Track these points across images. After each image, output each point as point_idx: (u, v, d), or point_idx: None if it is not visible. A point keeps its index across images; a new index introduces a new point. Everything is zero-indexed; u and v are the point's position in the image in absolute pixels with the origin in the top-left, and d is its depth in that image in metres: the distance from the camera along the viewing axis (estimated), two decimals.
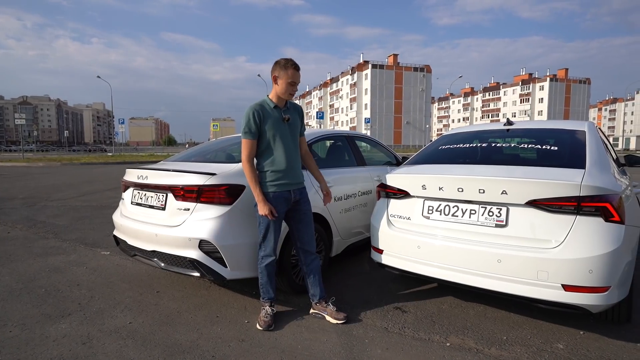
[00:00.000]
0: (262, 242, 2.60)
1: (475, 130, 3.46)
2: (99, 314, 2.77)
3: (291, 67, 2.50)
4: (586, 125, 2.99)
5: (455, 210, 2.45)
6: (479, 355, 2.23)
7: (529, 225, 2.19)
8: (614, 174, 2.45)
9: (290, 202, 2.62)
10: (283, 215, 2.63)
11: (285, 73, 2.50)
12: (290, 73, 2.50)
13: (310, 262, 2.72)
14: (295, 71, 2.52)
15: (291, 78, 2.50)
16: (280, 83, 2.52)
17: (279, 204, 2.57)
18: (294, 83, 2.52)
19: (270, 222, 2.56)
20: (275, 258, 2.63)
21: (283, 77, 2.50)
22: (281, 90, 2.53)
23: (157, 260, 2.83)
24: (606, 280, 2.02)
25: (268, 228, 2.57)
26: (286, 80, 2.50)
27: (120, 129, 34.67)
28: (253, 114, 2.49)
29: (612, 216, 2.07)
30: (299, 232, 2.70)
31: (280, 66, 2.51)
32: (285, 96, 2.56)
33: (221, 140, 4.18)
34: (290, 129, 2.60)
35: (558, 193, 2.11)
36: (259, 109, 2.52)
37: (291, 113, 2.64)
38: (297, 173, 2.64)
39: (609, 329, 2.50)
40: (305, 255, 2.72)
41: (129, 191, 3.21)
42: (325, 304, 2.70)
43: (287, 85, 2.51)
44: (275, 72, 2.53)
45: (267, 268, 2.61)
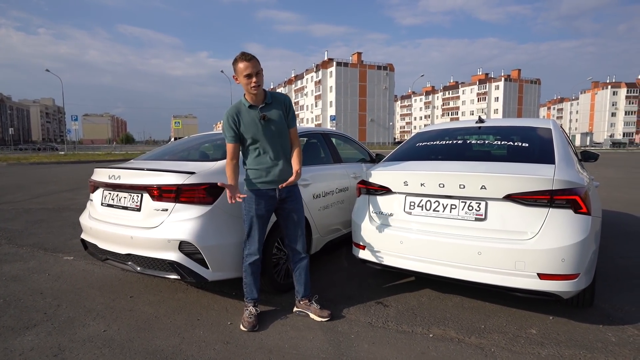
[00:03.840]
0: (246, 239, 2.57)
1: (449, 128, 3.57)
2: (68, 323, 2.60)
3: (240, 61, 2.39)
4: (551, 123, 3.17)
5: (436, 205, 2.53)
6: (460, 344, 2.32)
7: (507, 218, 2.30)
8: (578, 169, 2.63)
9: (276, 200, 2.58)
10: (268, 214, 2.59)
11: (237, 68, 2.41)
12: (242, 66, 2.38)
13: (297, 260, 2.70)
14: (246, 62, 2.37)
15: (244, 71, 2.38)
16: (240, 80, 2.44)
17: (262, 202, 2.53)
18: (249, 75, 2.38)
19: (255, 220, 2.52)
20: (259, 257, 2.59)
21: (238, 73, 2.43)
22: (244, 86, 2.45)
23: (132, 264, 2.70)
24: (576, 267, 2.17)
25: (252, 226, 2.53)
26: (241, 74, 2.40)
27: (74, 126, 32.68)
28: (228, 119, 2.48)
29: (580, 208, 2.22)
30: (286, 230, 2.68)
31: (233, 65, 2.45)
32: (250, 91, 2.45)
33: (194, 138, 4.05)
34: (270, 126, 2.50)
35: (533, 187, 2.23)
36: (234, 112, 2.48)
37: (272, 108, 2.53)
38: (283, 170, 2.55)
39: (575, 313, 2.68)
40: (293, 252, 2.70)
41: (98, 192, 3.03)
42: (309, 302, 2.70)
43: (244, 79, 2.41)
44: (234, 73, 2.48)
45: (251, 267, 2.57)
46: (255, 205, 2.52)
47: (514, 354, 2.20)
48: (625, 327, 2.50)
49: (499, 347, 2.27)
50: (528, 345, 2.29)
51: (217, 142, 3.83)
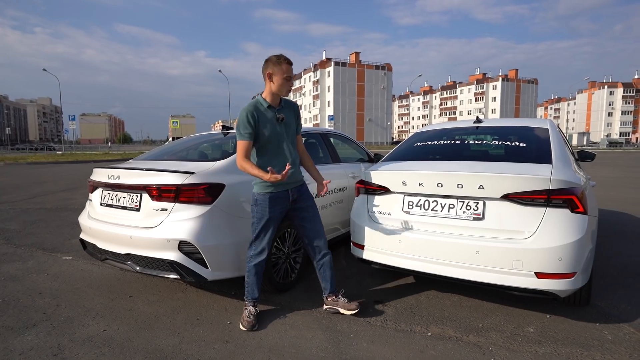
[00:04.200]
0: (254, 241, 2.57)
1: (447, 128, 3.59)
2: (67, 322, 2.61)
3: (284, 62, 2.46)
4: (548, 123, 3.20)
5: (434, 205, 2.54)
6: (458, 342, 2.34)
7: (504, 217, 2.32)
8: (575, 169, 2.65)
9: (289, 202, 2.59)
10: (281, 216, 2.61)
11: (280, 68, 2.45)
12: (285, 68, 2.46)
13: (320, 256, 2.71)
14: (289, 66, 2.48)
15: (286, 73, 2.46)
16: (276, 80, 2.47)
17: (277, 204, 2.54)
18: (289, 78, 2.48)
19: (267, 222, 2.53)
20: (265, 258, 2.60)
21: (278, 73, 2.45)
22: (278, 87, 2.48)
23: (131, 264, 2.70)
24: (573, 266, 2.19)
25: (263, 228, 2.53)
26: (282, 76, 2.45)
27: (71, 126, 32.56)
28: (247, 115, 2.43)
29: (577, 207, 2.24)
30: (304, 229, 2.69)
31: (272, 63, 2.46)
32: (282, 93, 2.51)
33: (192, 138, 4.05)
34: (285, 129, 2.56)
35: (530, 187, 2.25)
36: (253, 110, 2.45)
37: (286, 111, 2.58)
38: (295, 172, 2.58)
39: (571, 312, 2.71)
40: (315, 250, 2.71)
41: (97, 192, 3.04)
42: (336, 298, 2.71)
43: (283, 81, 2.47)
44: (268, 69, 2.48)
45: (255, 267, 2.58)
46: (269, 208, 2.52)
47: (512, 352, 2.22)
48: (621, 325, 2.53)
49: (497, 346, 2.29)
50: (525, 344, 2.31)
51: (215, 142, 3.84)
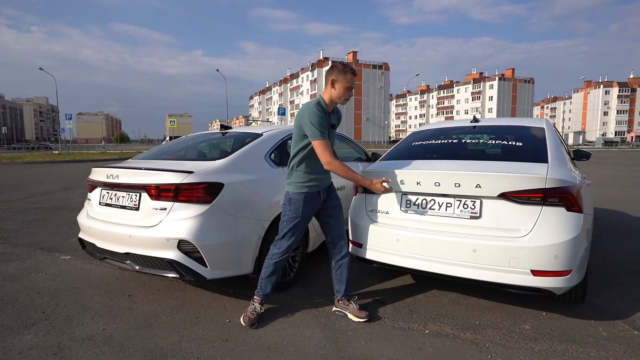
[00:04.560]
0: (280, 239, 2.60)
1: (444, 127, 3.62)
2: (67, 321, 2.61)
3: (350, 72, 2.50)
4: (544, 122, 3.23)
5: (432, 204, 2.57)
6: (456, 340, 2.36)
7: (501, 216, 2.34)
8: (571, 167, 2.68)
9: (320, 203, 2.65)
10: (311, 216, 2.66)
11: (345, 78, 2.49)
12: (349, 78, 2.50)
13: (340, 257, 2.74)
14: (354, 76, 2.52)
15: (349, 83, 2.50)
16: (338, 87, 2.50)
17: (310, 204, 2.59)
18: (351, 88, 2.52)
19: (300, 222, 2.57)
20: (288, 256, 2.65)
21: (342, 82, 2.49)
22: (338, 94, 2.52)
23: (130, 263, 2.71)
24: (569, 264, 2.22)
25: (294, 227, 2.57)
26: (344, 85, 2.49)
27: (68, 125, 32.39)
28: (322, 115, 2.47)
29: (573, 206, 2.27)
30: (329, 227, 2.72)
31: (338, 70, 2.50)
32: (340, 101, 2.56)
33: (190, 138, 4.06)
34: (332, 135, 2.64)
35: (527, 186, 2.27)
36: (321, 112, 2.48)
37: (335, 118, 2.65)
38: (329, 175, 2.68)
39: (567, 309, 2.74)
40: (337, 250, 2.74)
41: (96, 191, 3.04)
42: (347, 302, 2.72)
43: (345, 90, 2.51)
44: (332, 76, 2.51)
45: (276, 265, 2.62)
46: (302, 208, 2.56)
47: (508, 349, 2.24)
48: (615, 322, 2.56)
49: (494, 343, 2.32)
50: (522, 341, 2.34)
51: (213, 142, 3.85)
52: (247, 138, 3.36)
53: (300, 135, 2.51)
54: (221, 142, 3.69)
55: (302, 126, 2.47)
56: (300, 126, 2.50)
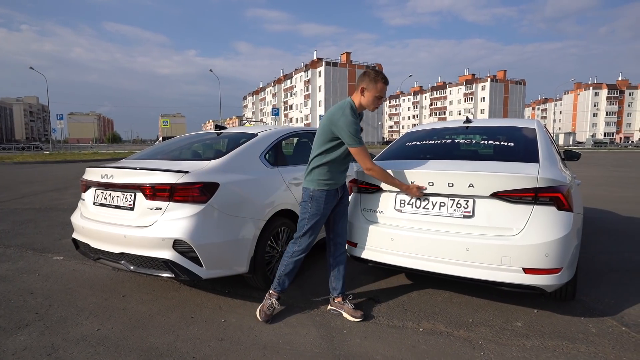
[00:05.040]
0: (301, 237, 2.63)
1: (437, 128, 3.66)
2: (61, 322, 2.60)
3: (381, 81, 2.50)
4: (535, 123, 3.28)
5: (426, 203, 2.60)
6: (449, 337, 2.40)
7: (493, 215, 2.38)
8: (561, 168, 2.73)
9: (337, 199, 2.70)
10: (329, 212, 2.69)
11: (375, 87, 2.50)
12: (380, 87, 2.50)
13: (338, 255, 2.78)
14: (385, 85, 2.52)
15: (379, 92, 2.51)
16: (368, 95, 2.52)
17: (330, 201, 2.63)
18: (380, 97, 2.53)
19: (320, 219, 2.61)
20: (307, 253, 2.69)
21: (372, 90, 2.50)
22: (367, 102, 2.53)
23: (125, 263, 2.70)
24: (559, 262, 2.26)
25: (315, 225, 2.61)
26: (374, 94, 2.51)
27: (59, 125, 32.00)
28: (357, 122, 2.49)
29: (563, 205, 2.32)
30: (335, 224, 2.76)
31: (370, 78, 2.50)
32: (369, 108, 2.58)
33: (184, 138, 4.05)
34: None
35: (518, 185, 2.32)
36: (356, 115, 2.50)
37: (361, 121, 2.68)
38: (346, 174, 2.75)
39: (557, 306, 2.79)
40: (336, 247, 2.78)
41: (90, 191, 3.02)
42: (342, 301, 2.74)
43: (374, 99, 2.52)
44: (363, 84, 2.52)
45: (295, 263, 2.65)
46: (324, 205, 2.60)
47: (500, 346, 2.28)
48: (604, 318, 2.62)
49: (486, 340, 2.35)
50: (514, 338, 2.38)
51: (207, 142, 3.85)
52: (242, 138, 3.37)
53: (329, 136, 2.52)
54: (216, 142, 3.69)
55: (336, 131, 2.48)
56: (329, 128, 2.50)
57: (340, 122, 2.44)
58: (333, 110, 2.53)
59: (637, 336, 2.38)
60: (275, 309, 2.63)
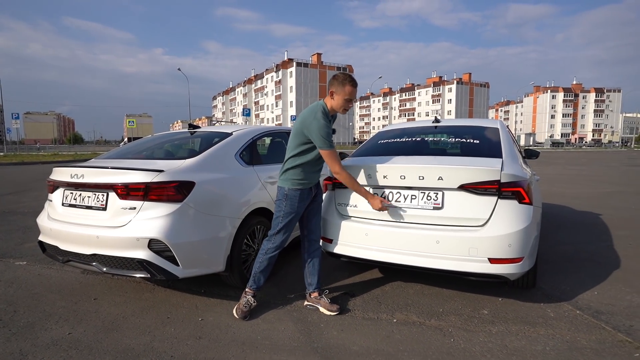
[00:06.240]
0: (275, 235, 2.66)
1: (408, 127, 3.80)
2: (28, 328, 2.51)
3: (349, 84, 2.54)
4: (498, 123, 3.48)
5: (398, 196, 2.71)
6: (421, 327, 2.52)
7: (461, 206, 2.52)
8: (522, 164, 2.92)
9: (311, 198, 2.75)
10: (303, 210, 2.73)
11: (343, 90, 2.54)
12: (348, 90, 2.54)
13: (312, 250, 2.82)
14: (353, 88, 2.56)
15: (348, 95, 2.55)
16: (337, 99, 2.56)
17: (304, 200, 2.67)
18: (350, 100, 2.57)
19: (294, 217, 2.65)
20: (280, 251, 2.72)
21: (340, 94, 2.54)
22: (337, 105, 2.58)
23: (97, 264, 2.64)
24: (521, 251, 2.43)
25: (289, 223, 2.64)
26: (343, 97, 2.55)
27: (14, 125, 30.16)
28: (328, 125, 2.54)
29: (524, 199, 2.49)
30: (309, 222, 2.81)
31: (338, 82, 2.55)
32: (340, 111, 2.62)
33: (155, 137, 3.98)
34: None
35: (483, 177, 2.47)
36: (328, 118, 2.55)
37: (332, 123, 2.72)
38: (320, 173, 2.80)
39: (520, 294, 2.98)
40: (311, 243, 2.83)
41: (58, 192, 2.92)
42: (319, 297, 2.79)
43: (344, 102, 2.57)
44: (332, 88, 2.57)
45: (269, 259, 2.68)
46: (298, 203, 2.64)
47: (469, 333, 2.42)
48: (561, 304, 2.83)
49: (456, 327, 2.49)
50: (481, 324, 2.53)
51: (181, 141, 3.81)
52: (216, 137, 3.36)
53: (303, 139, 2.57)
54: (190, 141, 3.66)
55: (308, 134, 2.53)
56: (302, 131, 2.56)
57: (312, 125, 2.50)
58: (305, 113, 2.59)
59: (589, 318, 2.59)
60: (251, 306, 2.66)
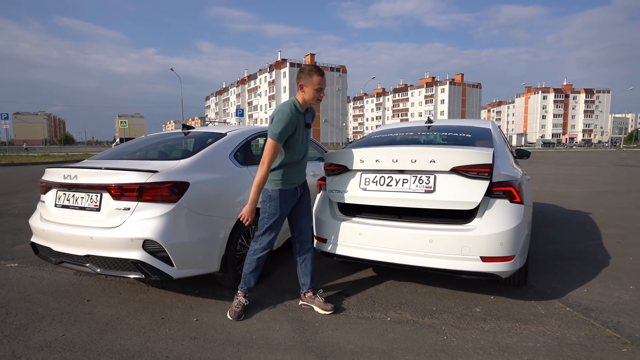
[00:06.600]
0: (261, 236, 2.67)
1: (401, 127, 3.84)
2: (21, 330, 2.49)
3: (316, 74, 2.56)
4: (490, 124, 3.53)
5: (389, 180, 2.73)
6: (415, 325, 2.54)
7: (453, 189, 2.53)
8: (513, 164, 2.97)
9: (296, 198, 2.74)
10: (289, 211, 2.73)
11: (311, 80, 2.55)
12: (316, 80, 2.56)
13: (304, 251, 2.83)
14: (320, 77, 2.57)
15: (317, 85, 2.56)
16: (307, 90, 2.58)
17: (288, 200, 2.67)
18: (320, 89, 2.59)
19: (279, 218, 2.65)
20: (269, 250, 2.72)
21: (309, 85, 2.56)
22: (309, 97, 2.59)
23: (91, 265, 2.63)
24: (512, 250, 2.47)
25: (274, 224, 2.65)
26: (313, 88, 2.56)
27: (3, 126, 29.74)
28: (292, 118, 2.51)
29: (515, 198, 2.53)
30: (298, 222, 2.81)
31: (305, 74, 2.57)
32: (313, 102, 2.63)
33: (148, 138, 3.97)
34: (307, 133, 2.71)
35: (476, 161, 2.48)
36: (295, 117, 2.54)
37: (309, 117, 2.72)
38: (304, 172, 2.81)
39: (512, 292, 3.03)
40: (302, 244, 2.83)
41: (51, 193, 2.90)
42: (313, 296, 2.80)
43: (315, 92, 2.58)
44: (300, 81, 2.58)
45: (258, 260, 2.68)
46: (282, 204, 2.64)
47: (462, 330, 2.45)
48: (552, 301, 2.88)
49: (449, 325, 2.52)
50: (473, 322, 2.56)
51: (175, 141, 3.80)
52: (210, 138, 3.36)
53: None
54: (184, 141, 3.66)
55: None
56: None
57: (275, 117, 2.55)
58: (274, 111, 2.63)
59: (579, 315, 2.65)
60: (244, 306, 2.66)
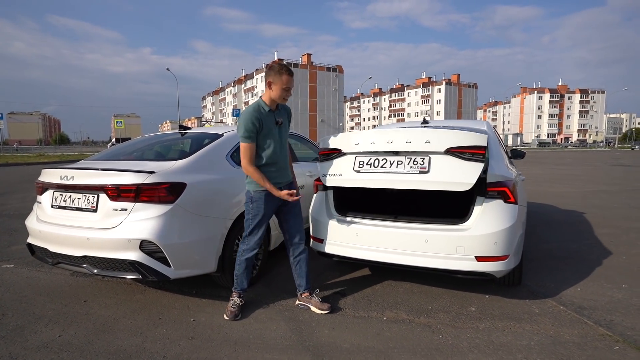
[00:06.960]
0: (247, 237, 2.69)
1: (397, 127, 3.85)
2: (17, 331, 2.49)
3: (285, 73, 2.57)
4: (485, 124, 3.56)
5: (384, 162, 2.74)
6: (411, 324, 2.57)
7: (447, 170, 2.53)
8: (507, 165, 3.00)
9: (281, 199, 2.71)
10: (272, 212, 2.74)
11: (280, 79, 2.55)
12: (285, 79, 2.56)
13: (298, 252, 2.83)
14: (290, 77, 2.59)
15: (286, 84, 2.57)
16: (275, 89, 2.58)
17: (271, 201, 2.66)
18: (288, 89, 2.59)
19: (263, 219, 2.66)
20: (257, 250, 2.73)
21: (278, 83, 2.56)
22: (276, 95, 2.59)
23: (87, 266, 2.63)
24: (506, 250, 2.50)
25: (258, 224, 2.66)
26: (281, 87, 2.56)
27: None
28: (251, 118, 2.51)
29: (509, 198, 2.56)
30: (287, 224, 2.81)
31: (274, 72, 2.57)
32: (279, 101, 2.63)
33: (145, 139, 3.97)
34: (281, 131, 2.69)
35: (471, 142, 2.48)
36: (257, 114, 2.54)
37: (282, 115, 2.72)
38: (287, 172, 2.78)
39: (506, 291, 3.06)
40: (294, 245, 2.83)
41: (47, 193, 2.90)
42: (310, 296, 2.82)
43: (282, 91, 2.58)
44: (269, 78, 2.59)
45: (246, 261, 2.70)
46: (265, 205, 2.64)
47: (457, 329, 2.48)
48: (546, 300, 2.91)
49: (444, 324, 2.55)
50: (468, 321, 2.59)
51: (172, 142, 3.81)
52: (206, 138, 3.37)
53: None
54: (181, 142, 3.67)
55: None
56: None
57: (240, 119, 2.57)
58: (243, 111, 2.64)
59: (572, 313, 2.68)
60: (240, 306, 2.68)
